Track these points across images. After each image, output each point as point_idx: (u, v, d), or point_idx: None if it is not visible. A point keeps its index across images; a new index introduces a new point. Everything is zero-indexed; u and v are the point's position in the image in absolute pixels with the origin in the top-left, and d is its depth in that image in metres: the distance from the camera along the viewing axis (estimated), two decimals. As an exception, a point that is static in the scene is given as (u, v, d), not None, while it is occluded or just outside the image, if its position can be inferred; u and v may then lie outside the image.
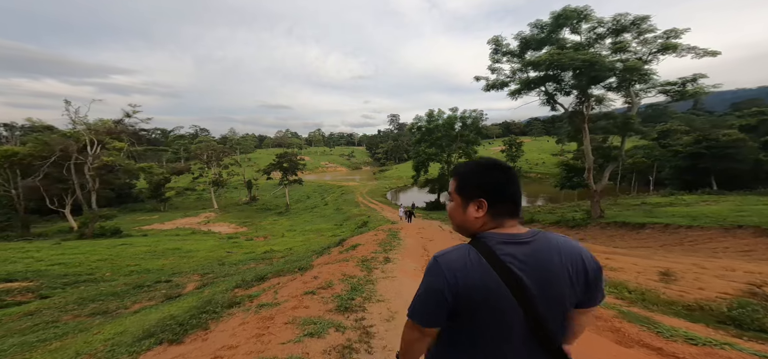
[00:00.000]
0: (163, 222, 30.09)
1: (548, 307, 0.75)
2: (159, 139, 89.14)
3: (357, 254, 6.49)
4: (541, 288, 0.75)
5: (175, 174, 42.50)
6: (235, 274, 7.60)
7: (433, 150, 29.47)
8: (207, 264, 9.61)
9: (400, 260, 5.58)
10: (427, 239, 9.35)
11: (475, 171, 0.85)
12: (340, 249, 8.32)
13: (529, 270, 0.75)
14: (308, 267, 6.05)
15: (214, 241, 16.04)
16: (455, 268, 0.76)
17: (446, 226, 14.57)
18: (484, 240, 0.79)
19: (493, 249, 0.76)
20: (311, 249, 12.36)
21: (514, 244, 0.77)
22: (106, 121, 23.16)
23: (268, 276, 6.12)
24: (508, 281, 0.73)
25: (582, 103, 14.51)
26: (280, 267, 7.09)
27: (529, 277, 0.74)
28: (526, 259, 0.76)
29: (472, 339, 0.79)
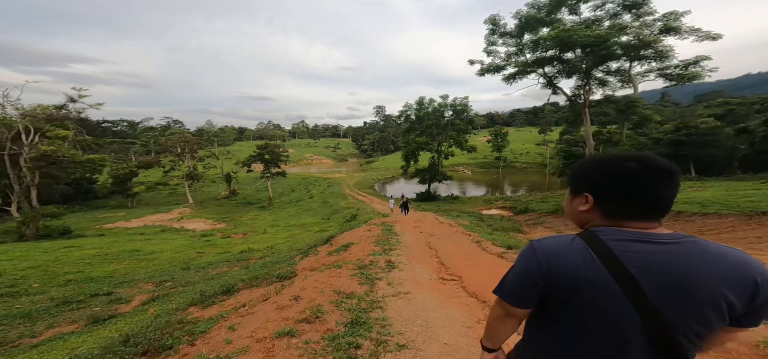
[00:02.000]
0: (129, 220, 27.40)
1: (676, 315, 0.65)
2: (126, 131, 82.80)
3: (351, 256, 5.27)
4: (668, 296, 0.65)
5: (142, 167, 39.08)
6: (199, 282, 6.19)
7: (424, 138, 28.43)
8: (168, 269, 8.06)
9: (408, 265, 4.42)
10: (427, 234, 8.28)
11: (591, 163, 0.79)
12: (329, 249, 7.06)
13: (655, 272, 0.66)
14: (290, 276, 4.77)
15: (185, 240, 14.24)
16: (551, 253, 0.73)
17: (443, 218, 13.62)
18: (597, 232, 0.73)
19: (605, 243, 0.70)
20: (295, 247, 11.02)
21: (640, 242, 0.69)
22: (46, 107, 20.07)
23: (236, 287, 4.78)
24: (620, 278, 0.66)
25: (584, 86, 13.84)
26: (256, 274, 5.75)
27: (651, 280, 0.66)
28: (653, 260, 0.67)
29: (572, 336, 0.72)
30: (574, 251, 0.71)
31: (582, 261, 0.70)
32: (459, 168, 54.64)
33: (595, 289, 0.68)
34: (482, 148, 52.73)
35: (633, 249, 0.69)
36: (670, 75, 12.75)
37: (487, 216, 17.40)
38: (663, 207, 0.72)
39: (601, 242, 0.70)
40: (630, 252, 0.68)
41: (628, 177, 0.72)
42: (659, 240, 0.69)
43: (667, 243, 0.69)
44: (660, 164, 0.71)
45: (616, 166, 0.74)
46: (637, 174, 0.71)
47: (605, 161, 0.77)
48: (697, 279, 0.65)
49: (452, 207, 23.62)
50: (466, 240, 7.15)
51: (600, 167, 0.77)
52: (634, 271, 0.67)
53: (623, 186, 0.72)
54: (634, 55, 12.16)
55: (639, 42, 11.64)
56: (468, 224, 10.94)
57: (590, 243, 0.71)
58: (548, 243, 0.75)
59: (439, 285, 3.64)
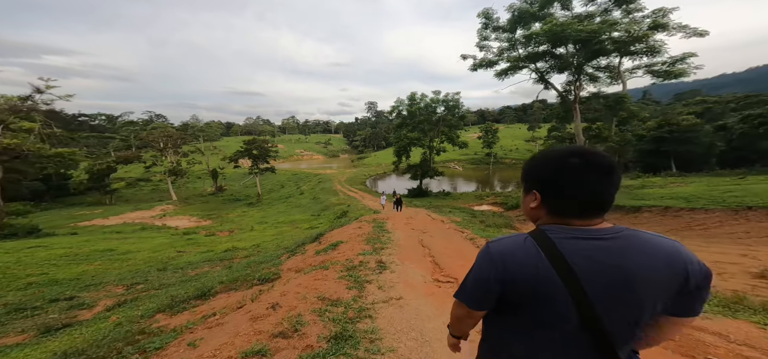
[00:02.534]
0: (107, 218, 26.10)
1: (613, 309, 0.68)
2: (104, 125, 79.09)
3: (339, 256, 4.94)
4: (607, 288, 0.68)
5: (121, 163, 37.29)
6: (174, 284, 5.73)
7: (416, 134, 28.14)
8: (143, 270, 7.51)
9: (399, 265, 4.13)
10: (420, 231, 8.02)
11: (538, 159, 0.80)
12: (317, 247, 6.70)
13: (595, 266, 0.69)
14: (272, 278, 4.40)
15: (165, 238, 13.52)
16: (506, 256, 0.74)
17: (435, 214, 13.43)
18: (546, 231, 0.73)
19: (552, 240, 0.71)
20: (283, 245, 10.58)
21: (584, 239, 0.71)
22: (9, 98, 18.60)
23: (213, 290, 4.39)
24: (562, 272, 0.68)
25: (575, 82, 13.83)
26: (237, 275, 5.35)
27: (590, 273, 0.68)
28: (594, 255, 0.69)
29: (526, 328, 0.75)
30: (527, 251, 0.72)
31: (533, 261, 0.71)
32: (450, 164, 54.90)
33: (546, 288, 0.69)
34: (473, 144, 53.09)
35: (578, 248, 0.69)
36: (657, 71, 12.91)
37: (479, 212, 17.38)
38: (604, 203, 0.71)
39: (549, 241, 0.71)
40: (574, 249, 0.69)
41: (570, 173, 0.71)
42: (600, 235, 0.71)
43: (607, 238, 0.70)
44: (600, 160, 0.70)
45: (559, 162, 0.73)
46: (578, 170, 0.70)
47: (550, 156, 0.76)
48: (634, 271, 0.67)
49: (444, 203, 23.55)
50: (459, 238, 6.94)
51: (545, 163, 0.77)
52: (576, 269, 0.68)
53: (565, 182, 0.72)
54: (625, 50, 12.22)
55: (630, 37, 11.68)
56: (460, 220, 10.78)
57: (540, 242, 0.72)
58: (503, 245, 0.76)
59: (434, 289, 3.37)
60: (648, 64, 12.98)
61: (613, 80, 14.27)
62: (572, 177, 0.71)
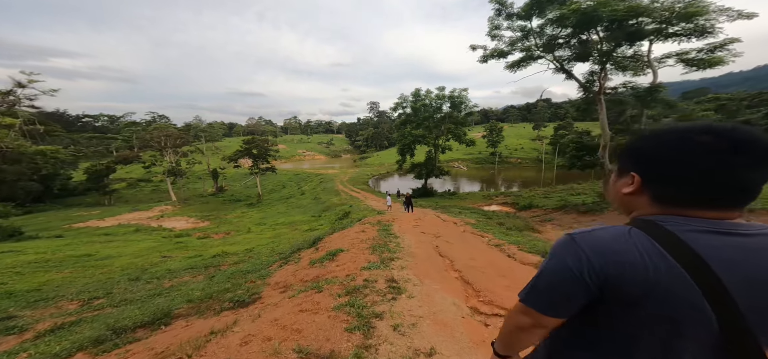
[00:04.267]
0: (104, 219, 25.42)
1: (762, 326, 0.51)
2: (107, 126, 79.30)
3: (338, 270, 3.87)
4: (759, 297, 0.51)
5: (120, 163, 36.69)
6: (136, 301, 4.72)
7: (420, 131, 27.03)
8: (113, 281, 6.51)
9: (418, 286, 3.05)
10: (432, 235, 6.93)
11: (645, 135, 0.63)
12: (313, 256, 5.64)
13: (741, 271, 0.51)
14: (248, 301, 3.34)
15: (154, 241, 12.57)
16: (604, 248, 0.56)
17: (444, 215, 12.32)
18: (659, 222, 0.56)
19: (676, 234, 0.54)
20: (277, 250, 9.55)
21: (718, 234, 0.53)
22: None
23: (171, 314, 3.35)
24: (696, 274, 0.51)
25: (600, 71, 12.58)
26: (212, 291, 4.31)
27: (736, 281, 0.50)
28: (737, 256, 0.52)
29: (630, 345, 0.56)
30: (634, 244, 0.54)
31: (649, 259, 0.53)
32: (454, 163, 53.78)
33: (670, 294, 0.51)
34: (477, 144, 52.01)
35: (712, 244, 0.52)
36: (691, 60, 11.61)
37: (491, 212, 16.23)
38: (748, 194, 0.54)
39: (668, 233, 0.54)
40: (708, 247, 0.52)
41: (698, 154, 0.54)
42: (741, 231, 0.53)
43: (751, 235, 0.53)
44: (747, 136, 0.52)
45: (682, 139, 0.56)
46: (711, 151, 0.53)
47: (668, 133, 0.59)
48: None
49: (451, 203, 22.44)
50: (481, 244, 5.83)
51: (662, 140, 0.59)
52: (721, 274, 0.50)
53: (693, 165, 0.54)
54: (666, 32, 10.77)
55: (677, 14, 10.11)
56: (475, 222, 9.65)
57: (656, 235, 0.54)
58: (597, 237, 0.58)
59: (480, 328, 2.28)
60: (680, 51, 11.71)
61: (638, 71, 13.02)
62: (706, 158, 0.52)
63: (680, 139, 0.56)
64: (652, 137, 0.61)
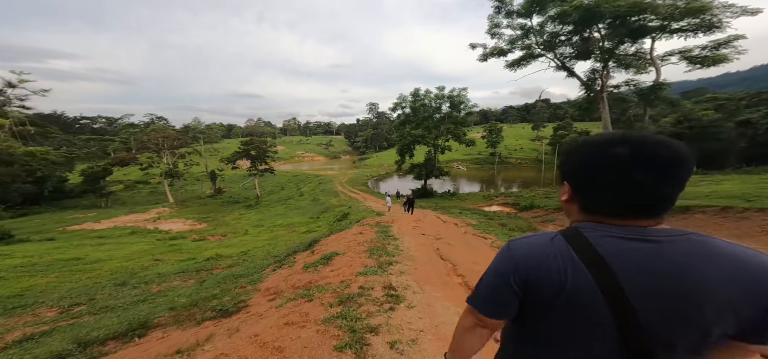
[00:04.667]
0: (100, 221, 25.11)
1: (665, 328, 0.55)
2: (104, 127, 78.97)
3: (332, 275, 3.61)
4: (659, 301, 0.54)
5: (117, 165, 36.40)
6: (119, 307, 4.46)
7: (420, 131, 26.77)
8: (98, 285, 6.24)
9: (419, 293, 2.79)
10: (432, 236, 6.67)
11: (574, 147, 0.67)
12: (307, 259, 5.37)
13: (642, 273, 0.55)
14: (232, 310, 3.08)
15: (147, 244, 12.27)
16: (530, 255, 0.62)
17: (445, 216, 12.06)
18: (581, 229, 0.62)
19: (589, 240, 0.59)
20: (273, 253, 9.28)
21: (630, 240, 0.57)
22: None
23: (148, 324, 3.09)
24: (599, 278, 0.56)
25: (603, 69, 12.33)
26: (197, 298, 4.05)
27: (637, 281, 0.55)
28: (643, 259, 0.56)
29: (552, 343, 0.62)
30: (554, 251, 0.60)
31: (562, 263, 0.59)
32: (454, 164, 53.55)
33: (577, 296, 0.57)
34: (477, 144, 51.79)
35: (621, 248, 0.57)
36: (694, 57, 11.38)
37: (492, 213, 15.97)
38: (659, 204, 0.58)
39: (584, 240, 0.59)
40: (618, 252, 0.57)
41: (613, 166, 0.57)
42: (653, 237, 0.57)
43: (662, 240, 0.57)
44: (659, 151, 0.55)
45: (598, 151, 0.60)
46: (625, 163, 0.56)
47: (587, 144, 0.64)
48: (694, 285, 0.53)
49: (451, 203, 22.19)
50: (484, 246, 5.57)
51: (580, 151, 0.64)
52: (620, 275, 0.55)
53: (604, 176, 0.59)
54: (671, 27, 10.48)
55: (682, 10, 9.80)
56: (477, 224, 9.40)
57: (572, 241, 0.60)
58: (526, 243, 0.64)
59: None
60: (683, 49, 11.47)
61: (640, 69, 12.78)
62: (617, 170, 0.57)
63: (593, 152, 0.60)
64: (575, 149, 0.65)
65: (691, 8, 9.86)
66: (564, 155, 0.69)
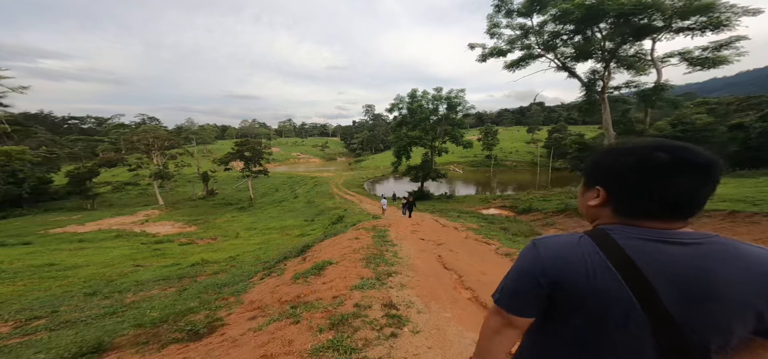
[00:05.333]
0: (84, 224, 24.14)
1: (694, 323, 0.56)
2: (93, 127, 77.15)
3: (324, 289, 3.17)
4: (687, 298, 0.56)
5: (104, 166, 35.32)
6: (77, 324, 3.98)
7: (417, 133, 26.43)
8: (69, 294, 5.68)
9: (425, 313, 2.38)
10: (433, 242, 6.27)
11: (609, 151, 0.69)
12: (298, 268, 4.92)
13: (674, 277, 0.57)
14: (204, 332, 2.62)
15: (130, 248, 11.61)
16: (557, 254, 0.64)
17: (443, 219, 11.69)
18: (608, 231, 0.63)
19: (617, 242, 0.61)
20: (263, 257, 8.79)
21: (657, 242, 0.59)
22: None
23: (104, 348, 2.62)
24: (634, 283, 0.57)
25: (604, 70, 12.14)
26: (168, 313, 3.58)
27: (668, 286, 0.57)
28: (672, 263, 0.57)
29: (580, 341, 0.63)
30: (582, 252, 0.62)
31: (590, 263, 0.60)
32: (450, 166, 53.46)
33: (605, 297, 0.58)
34: (473, 146, 51.86)
35: (649, 250, 0.59)
36: (695, 59, 11.26)
37: (491, 216, 15.66)
38: (695, 207, 0.60)
39: (613, 242, 0.61)
40: (645, 253, 0.59)
41: (655, 171, 0.59)
42: (680, 239, 0.59)
43: (689, 243, 0.59)
44: (696, 157, 0.59)
45: (641, 156, 0.62)
46: (666, 168, 0.59)
47: (627, 150, 0.65)
48: (721, 286, 0.56)
49: (448, 206, 21.88)
50: (490, 254, 5.19)
51: (620, 157, 0.65)
52: (650, 276, 0.57)
53: (646, 180, 0.60)
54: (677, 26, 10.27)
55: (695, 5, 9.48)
56: (478, 227, 9.04)
57: (601, 243, 0.62)
58: (553, 243, 0.66)
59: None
60: (683, 50, 11.35)
61: (640, 71, 12.65)
62: (658, 175, 0.59)
63: (642, 156, 0.61)
64: (617, 153, 0.65)
65: (699, 6, 9.68)
66: (600, 159, 0.68)
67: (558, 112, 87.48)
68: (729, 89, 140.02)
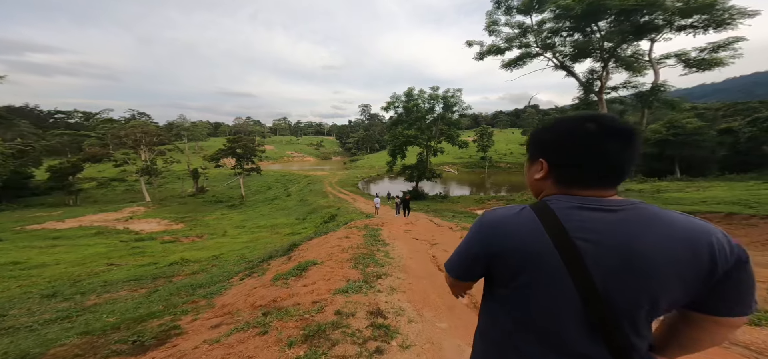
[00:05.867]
0: (64, 220, 23.19)
1: (618, 290, 0.57)
2: (80, 122, 74.82)
3: (304, 292, 2.78)
4: (611, 265, 0.57)
5: (88, 160, 34.08)
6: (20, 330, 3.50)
7: (413, 131, 26.08)
8: (26, 296, 5.14)
9: (418, 323, 2.01)
10: (427, 242, 5.93)
11: (549, 126, 0.73)
12: (280, 268, 4.50)
13: (599, 240, 0.58)
14: (149, 345, 2.20)
15: (108, 246, 10.97)
16: (496, 225, 0.67)
17: (438, 219, 11.38)
18: (547, 202, 0.66)
19: (553, 211, 0.63)
20: (248, 257, 8.32)
21: (589, 210, 0.62)
22: None
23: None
24: (563, 249, 0.60)
25: (603, 70, 11.97)
26: (127, 318, 3.14)
27: (595, 252, 0.58)
28: (599, 228, 0.60)
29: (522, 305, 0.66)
30: (521, 222, 0.65)
31: (527, 232, 0.63)
32: (445, 167, 53.32)
33: (540, 262, 0.61)
34: (468, 148, 51.85)
35: (581, 218, 0.61)
36: (691, 60, 11.20)
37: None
38: (623, 173, 0.64)
39: (549, 210, 0.64)
40: (577, 220, 0.61)
41: (585, 139, 0.64)
42: (608, 207, 0.61)
43: (616, 210, 0.61)
44: (619, 125, 0.64)
45: (573, 127, 0.66)
46: (595, 135, 0.63)
47: (562, 122, 0.69)
48: (641, 251, 0.56)
49: (443, 206, 21.63)
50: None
51: (557, 129, 0.69)
52: (579, 242, 0.59)
53: (579, 149, 0.64)
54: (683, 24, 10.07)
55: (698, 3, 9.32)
56: (473, 226, 8.68)
57: (539, 213, 0.64)
58: (495, 215, 0.69)
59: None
60: (679, 51, 11.27)
61: (637, 71, 12.55)
62: (589, 142, 0.63)
63: (575, 126, 0.64)
64: (553, 127, 0.69)
65: (701, 4, 9.55)
66: (539, 134, 0.72)
67: (552, 114, 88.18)
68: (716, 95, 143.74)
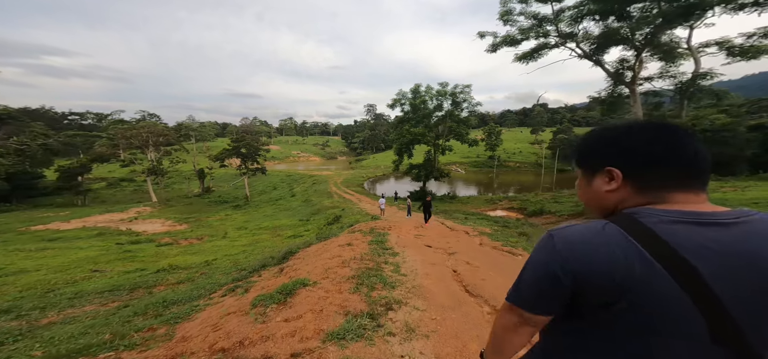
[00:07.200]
0: (69, 221, 23.11)
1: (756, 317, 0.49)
2: (93, 123, 76.51)
3: (280, 343, 1.98)
4: (743, 289, 0.48)
5: (96, 161, 34.27)
6: None
7: (420, 129, 25.09)
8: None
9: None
10: (443, 251, 5.03)
11: (603, 130, 0.64)
12: (266, 285, 3.67)
13: (719, 259, 0.49)
14: None
15: (100, 249, 10.43)
16: (577, 244, 0.54)
17: (450, 222, 10.43)
18: (635, 216, 0.54)
19: (649, 227, 0.52)
20: (243, 263, 7.56)
21: (694, 224, 0.51)
22: None
23: None
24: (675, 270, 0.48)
25: (637, 59, 10.76)
26: (53, 354, 2.32)
27: (715, 269, 0.48)
28: (714, 246, 0.49)
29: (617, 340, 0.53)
30: (608, 240, 0.52)
31: (620, 252, 0.51)
32: (452, 166, 52.10)
33: (643, 288, 0.49)
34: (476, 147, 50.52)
35: (686, 233, 0.51)
36: (736, 48, 9.93)
37: (503, 219, 14.38)
38: (703, 167, 0.57)
39: (643, 226, 0.52)
40: (682, 235, 0.50)
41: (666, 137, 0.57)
42: (718, 219, 0.51)
43: (730, 223, 0.51)
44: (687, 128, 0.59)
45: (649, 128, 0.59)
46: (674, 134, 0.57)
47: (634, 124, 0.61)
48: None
49: (452, 207, 20.65)
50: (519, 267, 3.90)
51: (632, 130, 0.60)
52: (693, 261, 0.48)
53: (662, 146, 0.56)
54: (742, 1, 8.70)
55: None
56: (492, 232, 7.79)
57: (629, 229, 0.52)
58: (572, 232, 0.56)
59: None
60: (722, 39, 10.03)
61: (672, 61, 11.28)
62: (670, 141, 0.56)
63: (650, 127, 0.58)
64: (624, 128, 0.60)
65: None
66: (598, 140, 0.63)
67: (562, 113, 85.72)
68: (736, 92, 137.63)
